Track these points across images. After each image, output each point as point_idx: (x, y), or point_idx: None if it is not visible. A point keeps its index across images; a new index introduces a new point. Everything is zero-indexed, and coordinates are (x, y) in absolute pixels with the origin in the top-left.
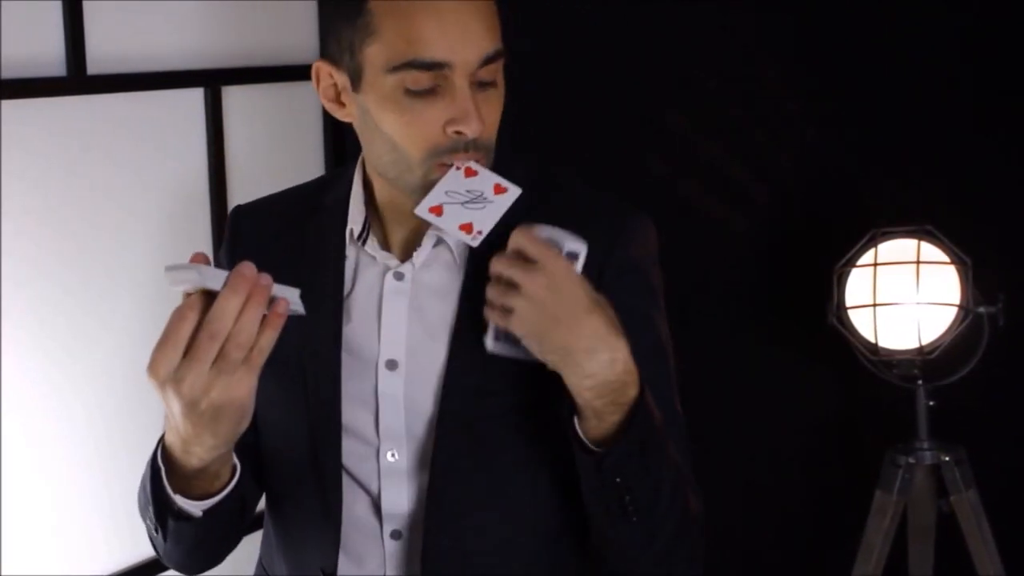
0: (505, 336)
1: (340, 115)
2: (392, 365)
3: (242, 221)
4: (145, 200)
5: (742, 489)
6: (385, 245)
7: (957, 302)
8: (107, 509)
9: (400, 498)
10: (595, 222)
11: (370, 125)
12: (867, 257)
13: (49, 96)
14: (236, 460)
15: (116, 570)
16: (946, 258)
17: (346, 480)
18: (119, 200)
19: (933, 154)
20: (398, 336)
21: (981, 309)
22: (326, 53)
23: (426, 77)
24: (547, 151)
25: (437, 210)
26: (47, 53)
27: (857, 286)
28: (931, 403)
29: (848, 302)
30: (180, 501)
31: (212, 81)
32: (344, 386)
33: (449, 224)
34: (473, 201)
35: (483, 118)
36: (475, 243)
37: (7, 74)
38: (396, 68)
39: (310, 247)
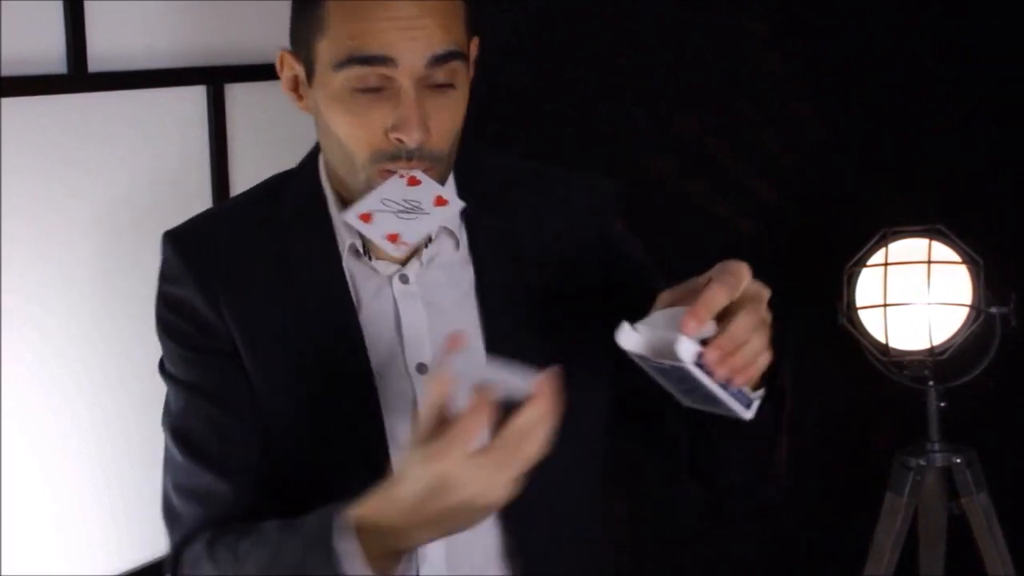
0: (639, 336)
1: (300, 106)
2: (423, 369)
3: (194, 247)
4: (147, 199)
5: None
6: (374, 251)
7: (968, 302)
8: (108, 509)
9: None
10: (575, 197)
11: (322, 122)
12: (878, 257)
13: (50, 94)
14: None
15: (116, 571)
16: (957, 258)
17: None
18: (121, 198)
19: (945, 153)
20: (422, 341)
21: (993, 309)
22: (291, 43)
23: (371, 75)
24: (551, 150)
25: (366, 217)
26: (48, 50)
27: (867, 286)
28: (942, 404)
29: (858, 302)
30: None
31: (214, 79)
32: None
33: (375, 232)
34: (408, 211)
35: (432, 125)
36: (398, 253)
37: (7, 71)
38: (341, 64)
39: (292, 266)
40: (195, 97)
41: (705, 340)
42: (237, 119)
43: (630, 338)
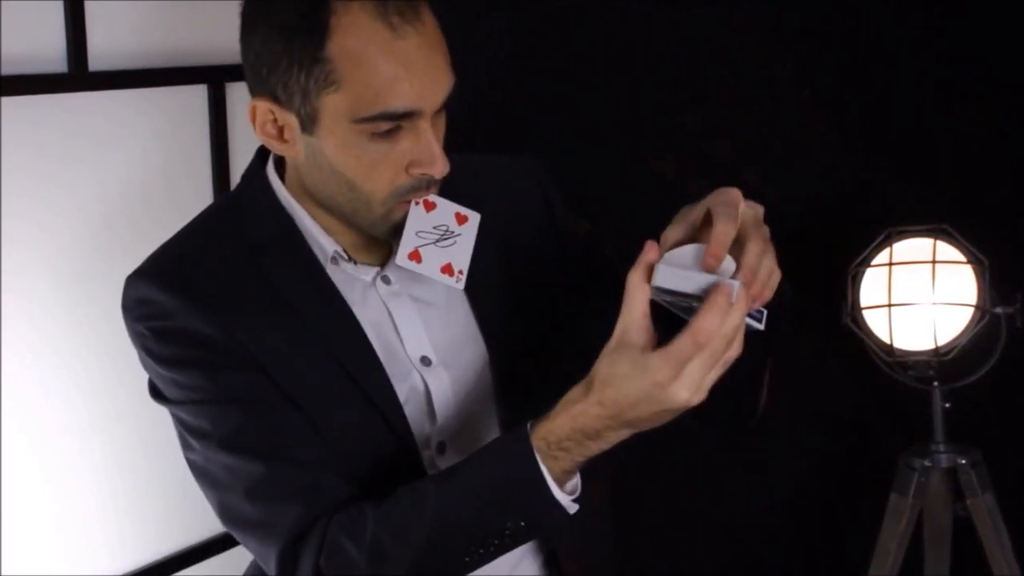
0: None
1: (278, 150)
2: (427, 361)
3: (177, 281)
4: (148, 198)
5: (755, 491)
6: (355, 255)
7: (974, 302)
8: (108, 509)
9: None
10: (517, 180)
11: (322, 165)
12: (882, 257)
13: (50, 93)
14: None
15: (117, 571)
16: (963, 257)
17: None
18: (121, 198)
19: (950, 152)
20: (419, 334)
21: (998, 309)
22: (264, 90)
23: (392, 123)
24: (554, 150)
25: (415, 256)
26: (48, 49)
27: (872, 286)
28: (947, 405)
29: (863, 302)
30: (562, 498)
31: (215, 77)
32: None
33: (431, 269)
34: (443, 238)
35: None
36: (460, 285)
37: (7, 70)
38: (364, 119)
39: (276, 285)
40: (196, 96)
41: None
42: (238, 118)
43: (664, 276)
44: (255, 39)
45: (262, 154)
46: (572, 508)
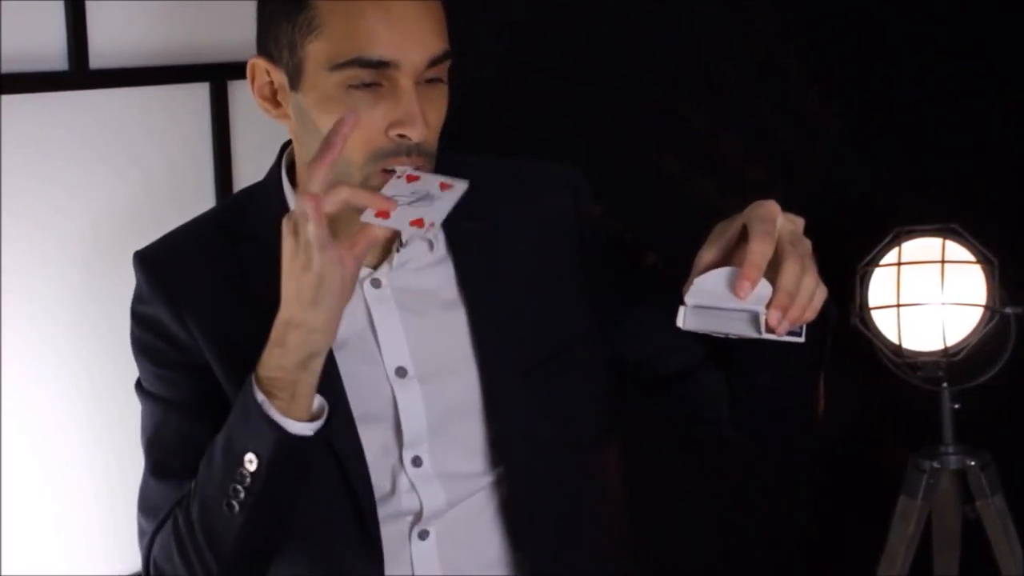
0: (697, 311)
1: (273, 115)
2: (402, 372)
3: (158, 266)
4: (149, 197)
5: (763, 492)
6: None
7: (983, 302)
8: (108, 509)
9: (434, 499)
10: (548, 191)
11: (308, 126)
12: (890, 256)
13: (50, 91)
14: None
15: (117, 572)
16: (972, 257)
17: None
18: (122, 197)
19: (959, 151)
20: (399, 344)
21: (1008, 310)
22: (263, 50)
23: (370, 75)
24: (555, 146)
25: (384, 214)
26: (48, 47)
27: (880, 286)
28: (956, 406)
29: (871, 302)
30: (291, 425)
31: (218, 75)
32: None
33: (399, 222)
34: (420, 199)
35: (428, 121)
36: (429, 235)
37: (7, 68)
38: (340, 65)
39: (252, 278)
40: (197, 94)
41: None
42: (240, 116)
43: (690, 319)
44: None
45: (283, 151)
46: (297, 429)
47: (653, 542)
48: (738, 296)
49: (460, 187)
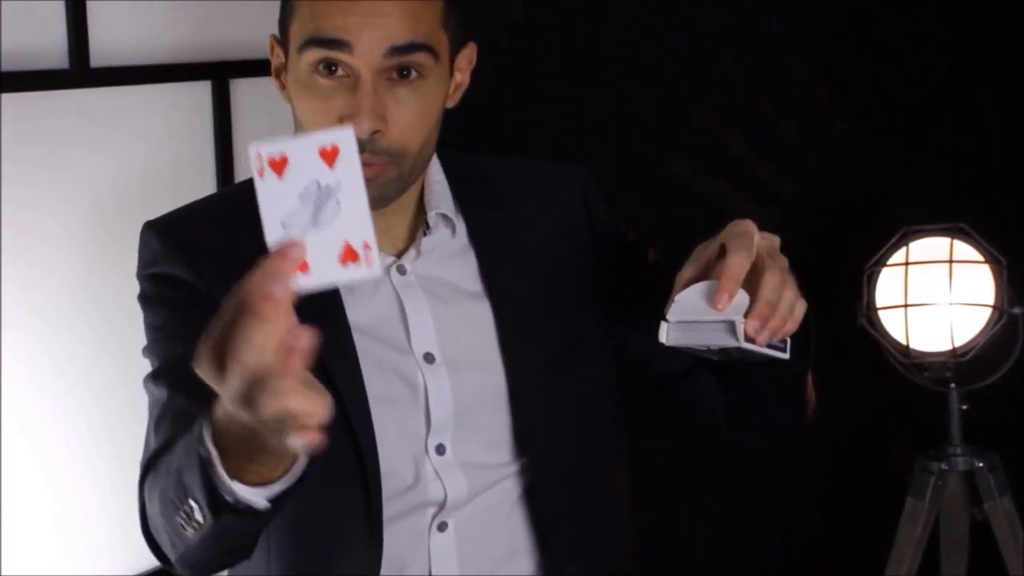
0: (678, 326)
1: (283, 94)
2: (430, 358)
3: (177, 233)
4: (150, 195)
5: (769, 494)
6: None
7: (991, 303)
8: (108, 510)
9: (457, 488)
10: (558, 190)
11: (293, 110)
12: (898, 256)
13: (51, 89)
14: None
15: (117, 572)
16: (980, 257)
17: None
18: (123, 195)
19: (967, 150)
20: (427, 330)
21: (1016, 310)
22: (279, 28)
23: (325, 54)
24: (562, 146)
25: (303, 267)
26: (49, 45)
27: (888, 286)
28: (964, 407)
29: (879, 302)
30: (240, 490)
31: (219, 74)
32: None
33: (325, 270)
34: (319, 205)
35: (391, 118)
36: (377, 270)
37: (8, 67)
38: (303, 46)
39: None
40: (199, 92)
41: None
42: (241, 114)
43: (673, 335)
44: None
45: None
46: (250, 498)
47: (659, 543)
48: (716, 308)
49: (348, 137)
